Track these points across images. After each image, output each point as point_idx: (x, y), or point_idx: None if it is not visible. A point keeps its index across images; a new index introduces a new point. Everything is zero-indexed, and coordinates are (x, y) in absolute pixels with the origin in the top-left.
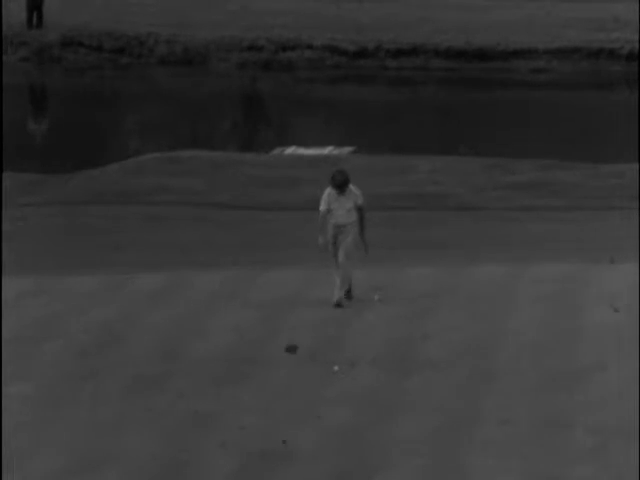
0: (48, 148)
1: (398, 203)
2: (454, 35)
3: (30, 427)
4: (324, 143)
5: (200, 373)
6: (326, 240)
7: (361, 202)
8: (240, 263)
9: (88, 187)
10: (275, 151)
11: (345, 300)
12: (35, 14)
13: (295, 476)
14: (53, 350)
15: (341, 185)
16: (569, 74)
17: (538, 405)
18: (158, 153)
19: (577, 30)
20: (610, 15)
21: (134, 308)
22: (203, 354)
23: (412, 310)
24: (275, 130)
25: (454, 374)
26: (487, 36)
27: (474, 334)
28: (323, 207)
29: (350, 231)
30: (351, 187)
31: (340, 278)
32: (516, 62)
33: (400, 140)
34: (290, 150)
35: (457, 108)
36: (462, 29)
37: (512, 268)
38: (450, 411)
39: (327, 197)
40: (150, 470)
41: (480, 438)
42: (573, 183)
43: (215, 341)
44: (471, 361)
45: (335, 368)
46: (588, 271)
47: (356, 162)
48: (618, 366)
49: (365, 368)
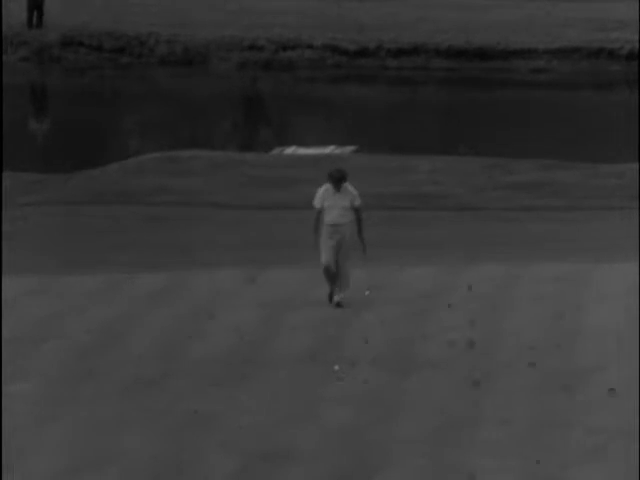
0: (48, 148)
1: (398, 203)
2: (454, 35)
3: (30, 427)
4: (324, 143)
5: (200, 373)
6: (318, 237)
7: (358, 203)
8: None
9: (88, 187)
10: (275, 151)
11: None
12: (35, 14)
13: (295, 476)
14: (53, 350)
15: (338, 179)
16: (569, 74)
17: (538, 405)
18: (158, 153)
19: (577, 30)
20: (610, 15)
21: (134, 308)
22: (203, 354)
23: (412, 310)
24: (275, 130)
25: (454, 374)
26: (487, 36)
27: (474, 334)
28: (317, 204)
29: (346, 232)
30: (348, 186)
31: (338, 280)
32: (516, 62)
33: (400, 140)
34: (290, 150)
35: (457, 108)
36: (462, 29)
37: (512, 268)
38: (450, 411)
39: (322, 194)
40: (150, 470)
41: (480, 438)
42: (573, 183)
43: (215, 341)
44: (471, 361)
45: (335, 368)
46: (588, 271)
47: (356, 162)
48: (618, 366)
49: (365, 368)
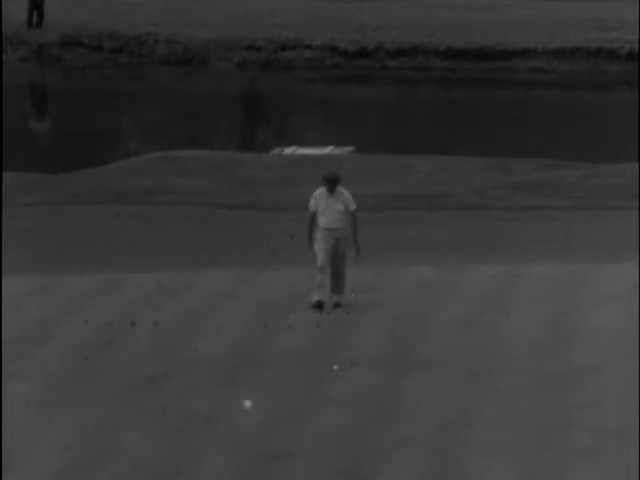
0: (48, 148)
1: (398, 203)
2: (454, 35)
3: (30, 427)
4: (324, 143)
5: (200, 373)
6: (311, 241)
7: (353, 207)
8: (240, 263)
9: (88, 187)
10: (275, 151)
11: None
12: (35, 14)
13: (295, 476)
14: (53, 350)
15: (331, 181)
16: (569, 74)
17: (537, 405)
18: (158, 153)
19: (577, 30)
20: (610, 15)
21: (134, 308)
22: (203, 354)
23: (412, 310)
24: (275, 130)
25: (453, 374)
26: (487, 36)
27: (474, 334)
28: (311, 207)
29: (341, 235)
30: (342, 190)
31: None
32: (516, 62)
33: (400, 140)
34: (290, 150)
35: (457, 108)
36: (462, 29)
37: (512, 268)
38: (450, 411)
39: (315, 198)
40: (150, 470)
41: (480, 438)
42: (573, 183)
43: (215, 341)
44: (470, 361)
45: (335, 368)
46: (588, 271)
47: (356, 162)
48: (617, 366)
49: (365, 368)
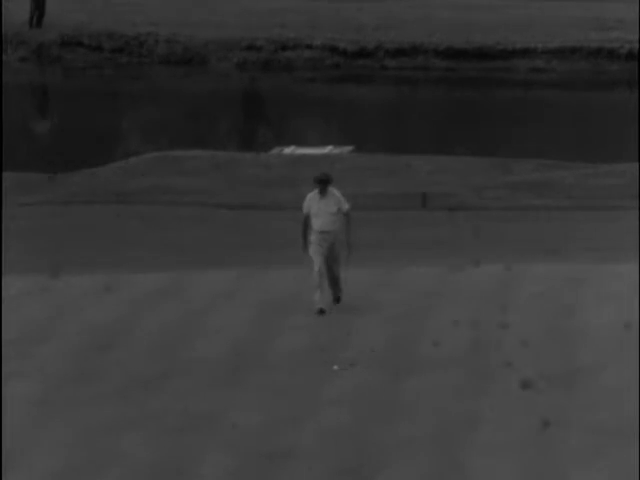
0: (48, 148)
1: (398, 203)
2: (454, 35)
3: (30, 427)
4: (323, 143)
5: (200, 373)
6: (306, 243)
7: (346, 208)
8: (240, 263)
9: (88, 187)
10: (274, 151)
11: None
12: (36, 13)
13: (295, 476)
14: (53, 350)
15: (322, 181)
16: (569, 74)
17: (537, 405)
18: (158, 153)
19: (577, 30)
20: (610, 15)
21: (134, 308)
22: (203, 354)
23: (412, 310)
24: (274, 130)
25: (454, 374)
26: (487, 36)
27: (474, 334)
28: (305, 209)
29: (335, 237)
30: (334, 191)
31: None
32: (516, 62)
33: (400, 140)
34: (289, 150)
35: (457, 108)
36: (462, 29)
37: (512, 268)
38: (450, 411)
39: (308, 201)
40: (150, 470)
41: (480, 438)
42: (573, 183)
43: (215, 341)
44: (471, 361)
45: (335, 368)
46: (588, 271)
47: (356, 161)
48: (617, 366)
49: (365, 368)
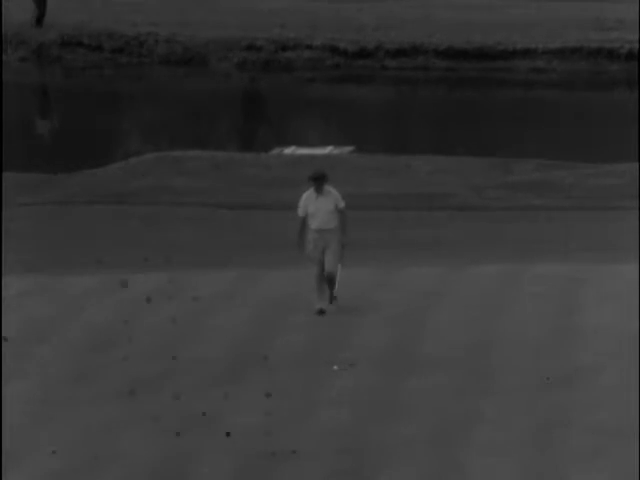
0: (48, 148)
1: (398, 203)
2: (454, 35)
3: (29, 427)
4: (324, 143)
5: (200, 373)
6: (303, 244)
7: (342, 205)
8: (240, 263)
9: (88, 187)
10: (275, 151)
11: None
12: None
13: (295, 476)
14: (53, 350)
15: (318, 178)
16: (569, 74)
17: (537, 405)
18: (158, 153)
19: (577, 30)
20: (610, 15)
21: (133, 308)
22: (203, 354)
23: (412, 310)
24: (275, 130)
25: (454, 374)
26: (487, 36)
27: (474, 334)
28: (301, 212)
29: (333, 238)
30: (330, 189)
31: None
32: (516, 62)
33: (400, 140)
34: (290, 150)
35: (457, 108)
36: (462, 29)
37: (512, 268)
38: (450, 411)
39: (304, 201)
40: (150, 470)
41: (479, 438)
42: (573, 183)
43: (215, 341)
44: (471, 361)
45: (335, 368)
46: (588, 271)
47: (356, 162)
48: (617, 366)
49: (365, 368)
